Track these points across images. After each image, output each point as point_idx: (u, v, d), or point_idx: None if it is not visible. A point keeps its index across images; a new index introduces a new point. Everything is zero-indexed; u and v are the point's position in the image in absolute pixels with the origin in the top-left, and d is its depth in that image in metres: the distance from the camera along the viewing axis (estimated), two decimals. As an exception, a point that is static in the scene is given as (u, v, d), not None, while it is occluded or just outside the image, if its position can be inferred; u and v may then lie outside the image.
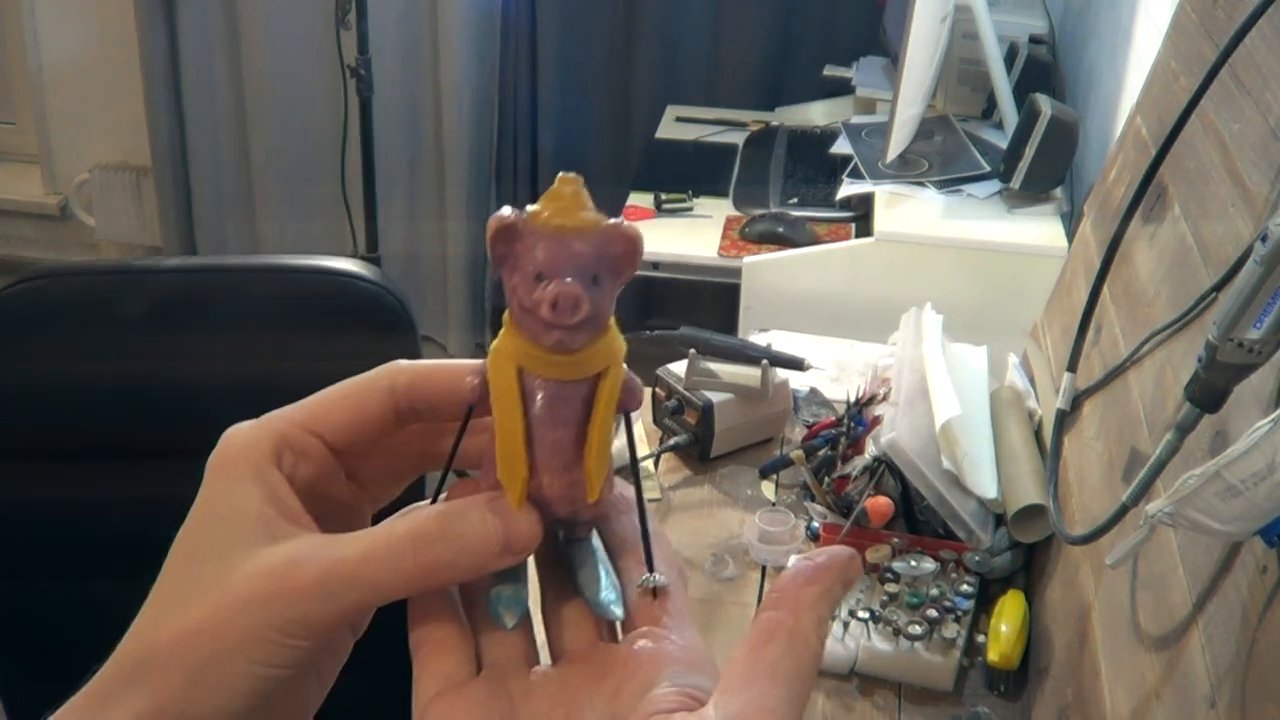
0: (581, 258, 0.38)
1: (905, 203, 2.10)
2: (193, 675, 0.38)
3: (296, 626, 0.38)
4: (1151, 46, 1.41)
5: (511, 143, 3.15)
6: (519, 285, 0.38)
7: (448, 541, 0.39)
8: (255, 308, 1.18)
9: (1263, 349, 0.73)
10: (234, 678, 0.38)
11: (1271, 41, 0.98)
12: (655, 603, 0.41)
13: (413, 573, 0.39)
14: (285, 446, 0.42)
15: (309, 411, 0.43)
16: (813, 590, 0.40)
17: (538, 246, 0.38)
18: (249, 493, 0.41)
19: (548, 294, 0.37)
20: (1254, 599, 0.73)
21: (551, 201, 0.38)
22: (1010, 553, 1.18)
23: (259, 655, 0.38)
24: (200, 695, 0.38)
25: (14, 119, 3.57)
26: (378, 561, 0.39)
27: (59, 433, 1.17)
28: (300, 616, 0.39)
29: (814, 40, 2.95)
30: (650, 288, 3.08)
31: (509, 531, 0.40)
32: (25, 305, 1.14)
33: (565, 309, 0.37)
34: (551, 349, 0.38)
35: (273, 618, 0.38)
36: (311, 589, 0.39)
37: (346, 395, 0.44)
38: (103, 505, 1.12)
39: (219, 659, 0.38)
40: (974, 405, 1.29)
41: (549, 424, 0.39)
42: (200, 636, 0.39)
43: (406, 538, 0.39)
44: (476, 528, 0.40)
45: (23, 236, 3.58)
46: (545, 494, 0.40)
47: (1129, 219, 1.16)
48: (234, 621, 0.39)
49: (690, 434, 1.37)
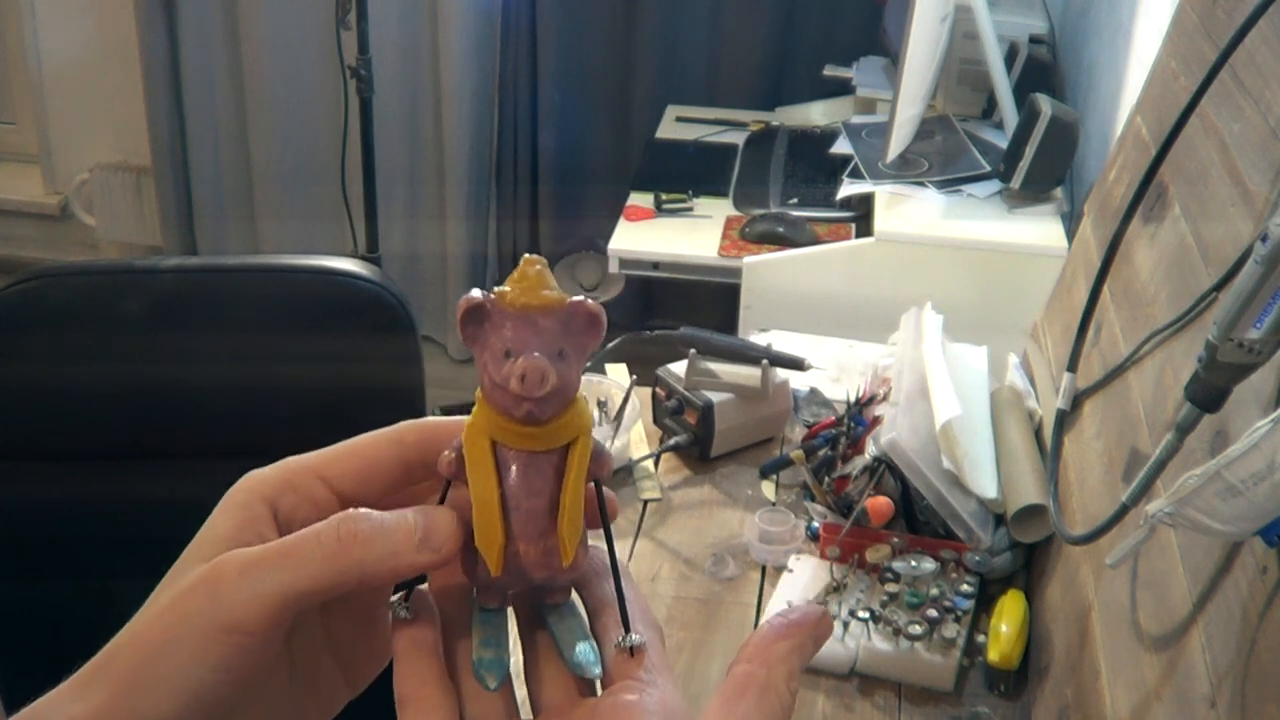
0: (547, 334, 0.40)
1: (905, 203, 2.10)
2: (135, 672, 0.40)
3: (225, 618, 0.40)
4: (1151, 46, 1.41)
5: (511, 143, 3.15)
6: (489, 362, 0.40)
7: (370, 520, 0.41)
8: (255, 308, 1.18)
9: (1263, 349, 0.73)
10: (169, 676, 0.40)
11: (1271, 41, 0.98)
12: (633, 660, 0.42)
13: (333, 552, 0.40)
14: (289, 487, 0.44)
15: (321, 458, 0.45)
16: (784, 645, 0.42)
17: (505, 325, 0.40)
18: (226, 519, 0.43)
19: (516, 368, 0.39)
20: (1254, 599, 0.73)
21: (517, 282, 0.41)
22: (1010, 553, 1.18)
23: (193, 652, 0.40)
24: (140, 694, 0.40)
25: (14, 119, 3.57)
26: (300, 543, 0.40)
27: (59, 433, 1.17)
28: (227, 606, 0.40)
29: (814, 40, 2.95)
30: (650, 288, 3.09)
31: (428, 526, 0.41)
32: (25, 305, 1.14)
33: (533, 382, 0.39)
34: (522, 421, 0.40)
35: (204, 611, 0.40)
36: (235, 578, 0.40)
37: (358, 445, 0.46)
38: (102, 505, 1.12)
39: (156, 657, 0.40)
40: (974, 405, 1.29)
41: (523, 494, 0.41)
42: (144, 635, 0.41)
43: (330, 521, 0.41)
44: (398, 518, 0.41)
45: (23, 236, 3.58)
46: (522, 561, 0.42)
47: (1129, 219, 1.16)
48: (172, 619, 0.40)
49: (690, 434, 1.37)
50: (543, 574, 0.42)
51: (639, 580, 1.22)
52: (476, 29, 3.02)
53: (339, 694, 0.47)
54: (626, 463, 1.37)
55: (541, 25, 3.03)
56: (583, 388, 0.43)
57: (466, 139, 3.11)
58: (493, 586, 0.43)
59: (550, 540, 0.42)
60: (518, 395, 0.40)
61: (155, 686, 0.40)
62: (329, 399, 1.08)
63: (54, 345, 1.16)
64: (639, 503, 1.33)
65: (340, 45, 2.73)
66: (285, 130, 3.20)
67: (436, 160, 3.17)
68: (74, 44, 3.35)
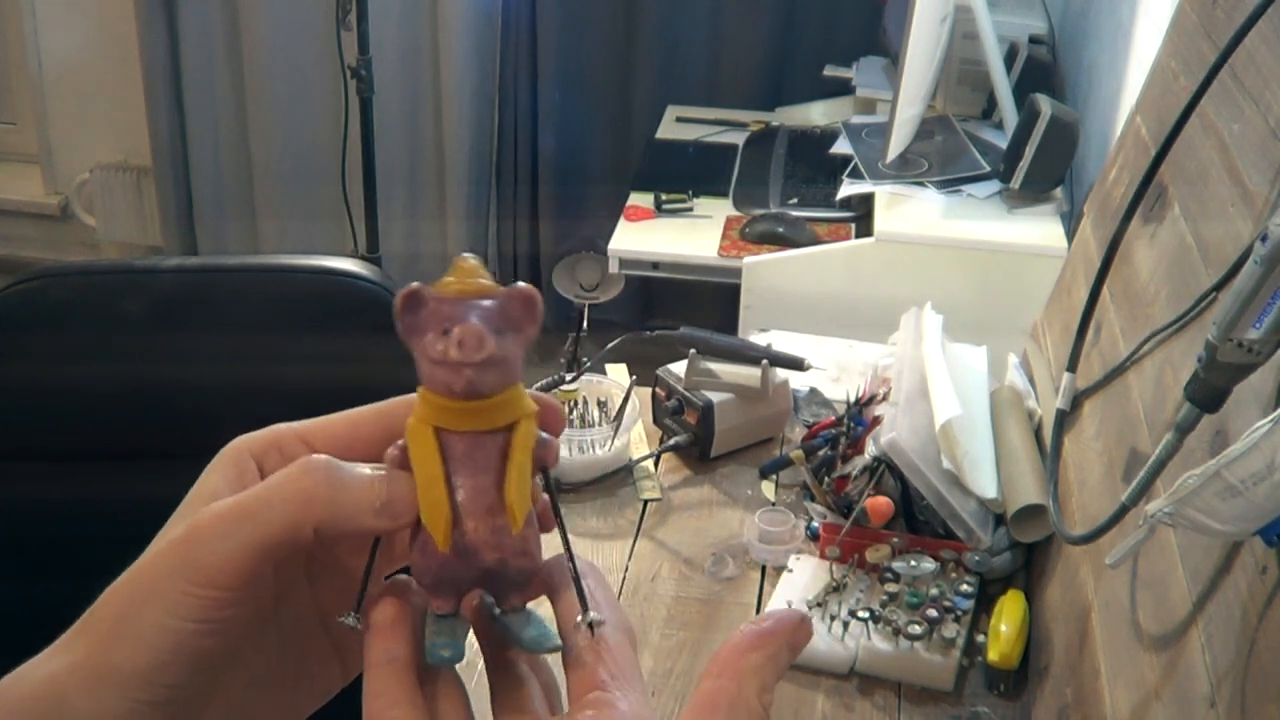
0: (484, 311, 0.41)
1: (905, 203, 2.10)
2: (113, 627, 0.41)
3: (198, 572, 0.40)
4: (1151, 46, 1.41)
5: (512, 143, 3.15)
6: (428, 345, 0.40)
7: (333, 480, 0.41)
8: (255, 308, 1.18)
9: (1262, 349, 0.73)
10: (146, 628, 0.40)
11: (1271, 41, 0.98)
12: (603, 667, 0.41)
13: (295, 511, 0.40)
14: (275, 448, 0.45)
15: (309, 424, 0.46)
16: (757, 657, 0.41)
17: (443, 307, 0.41)
18: (215, 476, 0.43)
19: (454, 336, 0.40)
20: (1254, 599, 0.73)
21: (453, 273, 0.41)
22: (1010, 552, 1.18)
23: (168, 604, 0.40)
24: (117, 646, 0.40)
25: (14, 119, 3.57)
26: (263, 499, 0.41)
27: (59, 433, 1.17)
28: (201, 560, 0.40)
29: (814, 40, 2.95)
30: (650, 288, 3.09)
31: (391, 494, 0.41)
32: (25, 305, 1.14)
33: (471, 346, 0.40)
34: (463, 395, 0.40)
35: (179, 565, 0.40)
36: (209, 530, 0.40)
37: (347, 416, 0.46)
38: (103, 505, 1.12)
39: (133, 610, 0.40)
40: (974, 405, 1.29)
41: (468, 472, 0.41)
42: (122, 590, 0.41)
43: (298, 469, 0.41)
44: (365, 479, 0.42)
45: (23, 236, 3.58)
46: (471, 540, 0.41)
47: (1129, 219, 1.16)
48: (149, 573, 0.41)
49: (690, 434, 1.37)
50: (493, 555, 0.41)
51: (639, 580, 1.22)
52: (476, 29, 3.02)
53: (333, 676, 0.47)
54: (626, 463, 1.37)
55: (541, 25, 3.03)
56: (583, 387, 0.43)
57: (466, 139, 3.11)
58: (444, 583, 0.42)
59: (499, 519, 0.41)
60: (457, 363, 0.40)
61: (133, 638, 0.40)
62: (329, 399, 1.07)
63: (54, 345, 1.16)
64: (639, 503, 1.33)
65: (340, 45, 2.74)
66: (285, 130, 3.20)
67: (436, 160, 3.17)
68: (74, 44, 3.35)
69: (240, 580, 0.40)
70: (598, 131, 3.14)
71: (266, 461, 0.44)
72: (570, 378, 1.42)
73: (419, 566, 0.42)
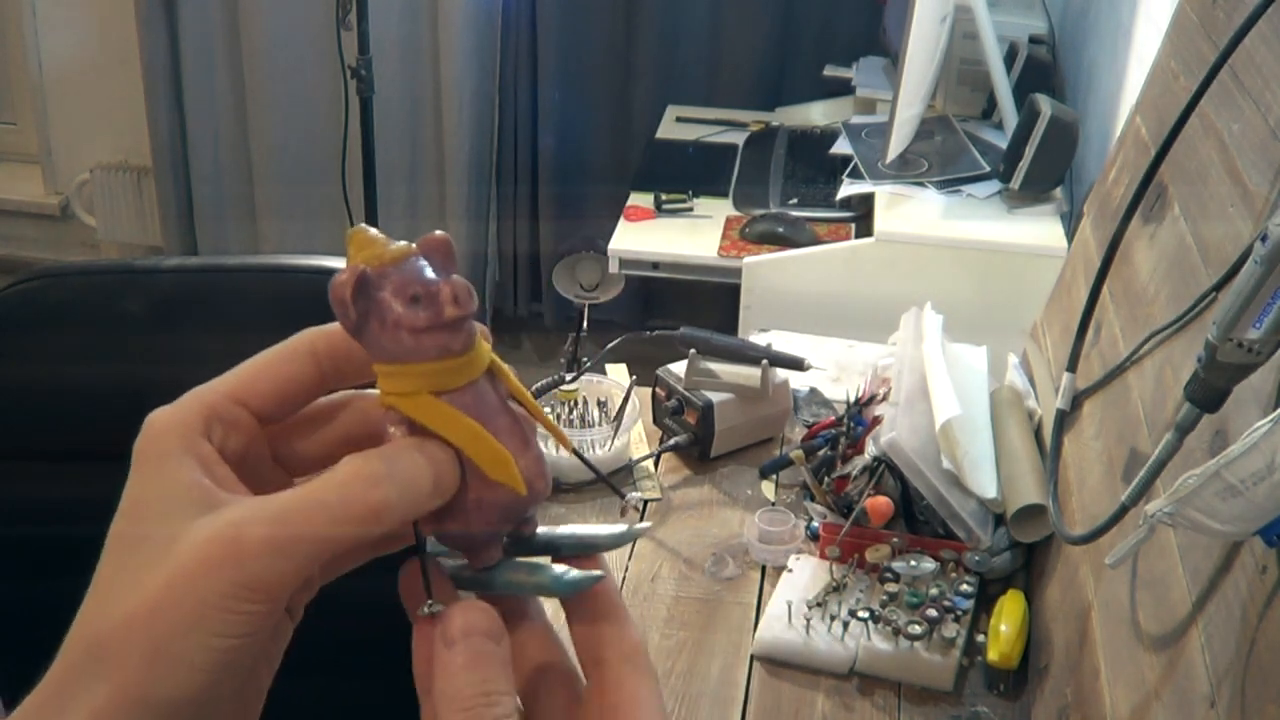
0: (434, 265, 0.40)
1: (905, 203, 2.10)
2: (150, 656, 0.37)
3: (248, 590, 0.37)
4: (1151, 46, 1.41)
5: (512, 143, 3.15)
6: (401, 317, 0.39)
7: (394, 480, 0.39)
8: (255, 308, 1.18)
9: (1262, 349, 0.73)
10: (192, 652, 0.37)
11: (1271, 41, 0.98)
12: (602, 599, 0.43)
13: (362, 514, 0.38)
14: (214, 418, 0.42)
15: (234, 382, 0.43)
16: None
17: (396, 278, 0.40)
18: (182, 467, 0.40)
19: (445, 294, 0.39)
20: (1254, 599, 0.73)
21: (365, 248, 0.40)
22: (1010, 552, 1.18)
23: (215, 625, 0.37)
24: (160, 675, 0.37)
25: (15, 119, 3.57)
26: (327, 508, 0.38)
27: (59, 433, 1.17)
28: (252, 578, 0.37)
29: (814, 40, 2.95)
30: (650, 288, 3.09)
31: (437, 470, 0.40)
32: (25, 305, 1.14)
33: (465, 298, 0.39)
34: (462, 348, 0.40)
35: (224, 584, 0.37)
36: (260, 547, 0.38)
37: (270, 362, 0.43)
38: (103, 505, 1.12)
39: (175, 634, 0.37)
40: (974, 405, 1.29)
41: (488, 419, 0.41)
42: (154, 614, 0.37)
43: (355, 478, 0.39)
44: (416, 466, 0.40)
45: (23, 236, 3.58)
46: (527, 477, 0.41)
47: (1129, 219, 1.16)
48: (187, 594, 0.37)
49: (690, 434, 1.37)
50: (542, 482, 0.42)
51: (639, 580, 1.22)
52: (476, 29, 3.02)
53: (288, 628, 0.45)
54: (626, 463, 1.37)
55: (541, 25, 3.03)
56: (583, 387, 0.43)
57: (466, 139, 3.11)
58: (495, 533, 0.42)
59: (535, 448, 0.42)
60: (454, 319, 0.39)
61: (179, 666, 0.37)
62: (329, 399, 1.07)
63: (54, 345, 1.16)
64: (639, 502, 1.33)
65: (340, 45, 2.73)
66: (285, 130, 3.20)
67: (436, 160, 3.17)
68: (75, 44, 3.35)
69: (291, 590, 0.38)
70: (598, 131, 3.14)
71: (213, 435, 0.41)
72: (570, 378, 1.42)
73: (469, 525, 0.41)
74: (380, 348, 0.40)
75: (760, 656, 1.12)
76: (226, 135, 3.26)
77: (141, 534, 0.39)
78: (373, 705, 1.24)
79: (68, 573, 0.41)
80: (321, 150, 3.10)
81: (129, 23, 3.15)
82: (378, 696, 1.24)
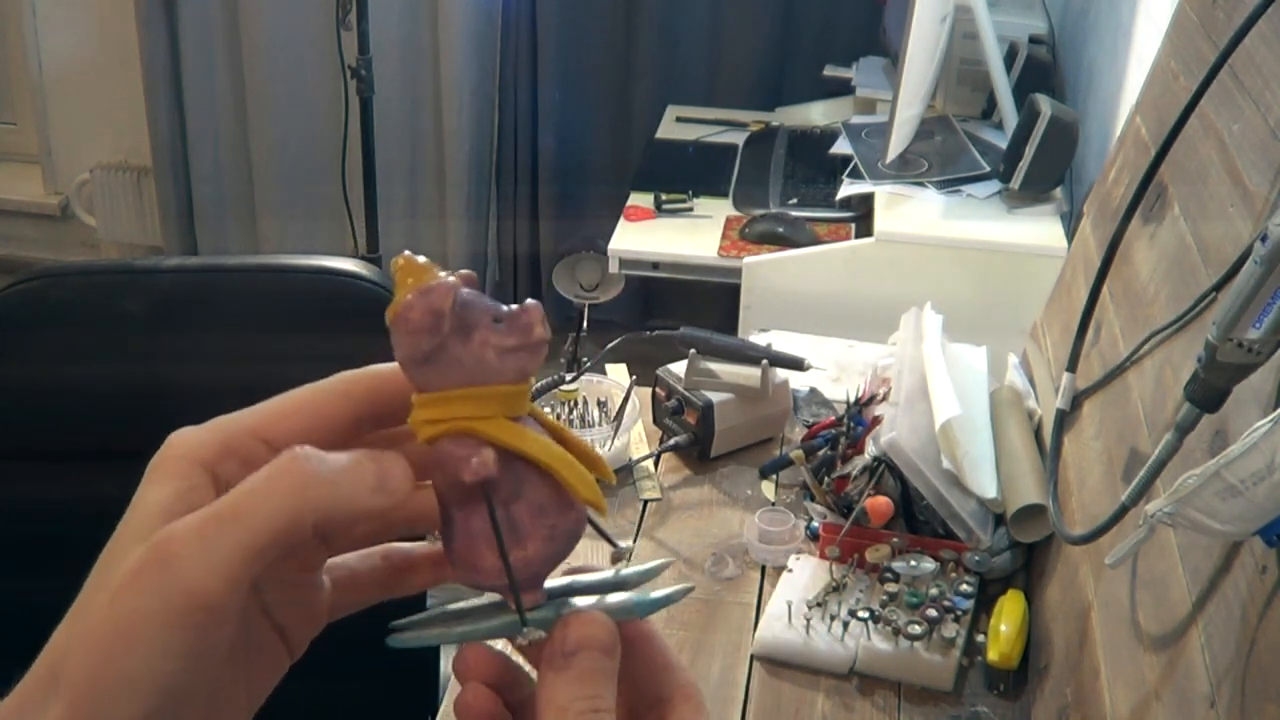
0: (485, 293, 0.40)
1: (905, 203, 2.10)
2: (96, 676, 0.36)
3: (183, 596, 0.35)
4: (1151, 46, 1.41)
5: (512, 143, 3.15)
6: (489, 336, 0.38)
7: (323, 461, 0.37)
8: (255, 308, 1.18)
9: (1262, 349, 0.73)
10: (135, 674, 0.36)
11: (1271, 41, 0.98)
12: None
13: (290, 501, 0.36)
14: (231, 454, 0.40)
15: (263, 417, 0.41)
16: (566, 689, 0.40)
17: (472, 302, 0.39)
18: (161, 489, 0.39)
19: (534, 314, 0.39)
20: (1254, 599, 0.73)
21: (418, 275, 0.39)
22: (1010, 552, 1.18)
23: (155, 643, 0.36)
24: (106, 697, 0.36)
25: (15, 119, 3.57)
26: (251, 496, 0.37)
27: (58, 432, 1.17)
28: (184, 580, 0.35)
29: (814, 40, 2.96)
30: (650, 288, 3.09)
31: (382, 468, 0.38)
32: (25, 305, 1.14)
33: (544, 322, 0.39)
34: (533, 371, 0.40)
35: (158, 592, 0.35)
36: (188, 545, 0.36)
37: (303, 401, 0.42)
38: (102, 505, 1.12)
39: (116, 654, 0.36)
40: (974, 405, 1.29)
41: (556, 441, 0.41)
42: (98, 634, 0.36)
43: (278, 464, 0.37)
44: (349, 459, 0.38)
45: (23, 236, 3.58)
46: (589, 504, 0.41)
47: (1129, 219, 1.16)
48: (124, 609, 0.36)
49: (690, 434, 1.37)
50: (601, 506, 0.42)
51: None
52: (476, 29, 3.03)
53: (280, 661, 0.43)
54: (626, 463, 1.37)
55: (541, 25, 3.03)
56: (583, 387, 0.43)
57: (466, 139, 3.11)
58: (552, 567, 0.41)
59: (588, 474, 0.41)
60: (541, 341, 0.39)
61: (119, 689, 0.36)
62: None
63: (54, 345, 1.16)
64: (639, 503, 1.33)
65: (340, 45, 2.74)
66: (285, 130, 3.20)
67: (436, 160, 3.18)
68: (75, 44, 3.35)
69: (229, 595, 0.36)
70: (598, 131, 3.15)
71: (222, 470, 0.39)
72: (570, 378, 1.42)
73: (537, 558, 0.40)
74: (460, 369, 0.39)
75: (760, 656, 1.12)
76: (226, 135, 3.26)
77: (114, 555, 0.38)
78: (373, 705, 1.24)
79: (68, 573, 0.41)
80: (321, 150, 3.10)
81: (129, 23, 3.15)
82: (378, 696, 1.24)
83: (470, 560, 0.40)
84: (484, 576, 0.40)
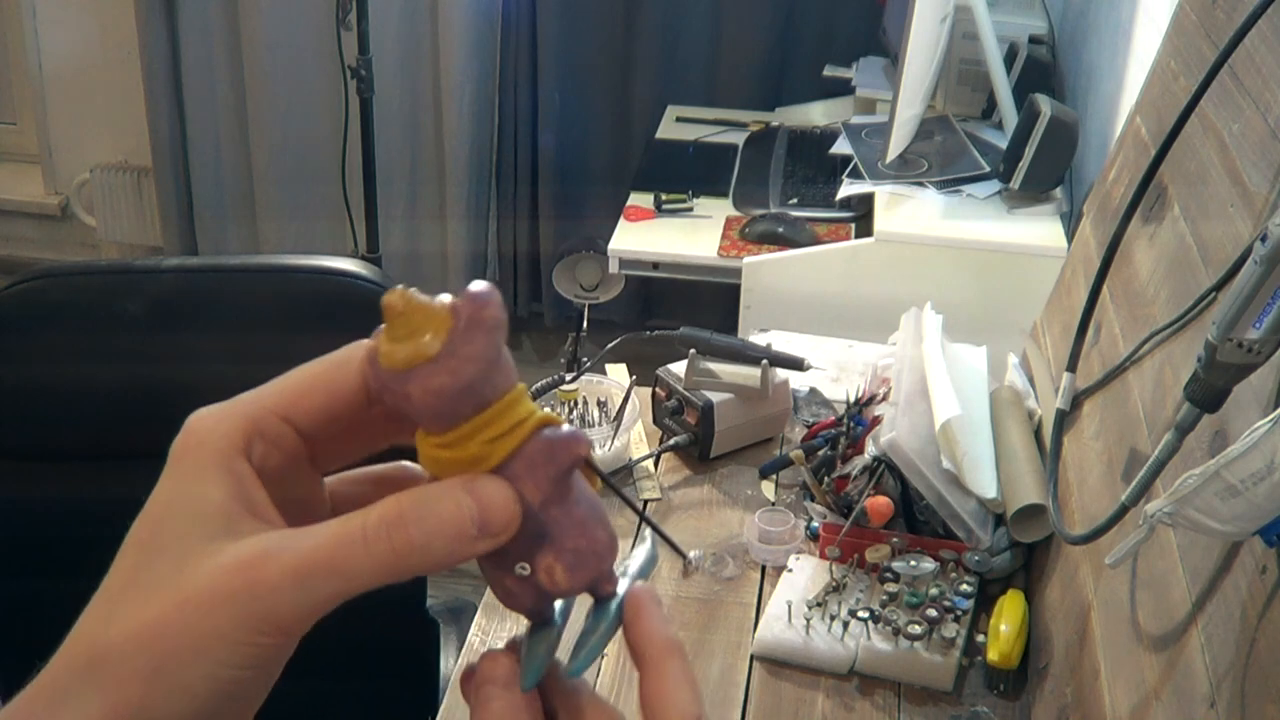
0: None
1: (905, 203, 2.10)
2: (150, 676, 0.36)
3: (266, 624, 0.37)
4: (1151, 46, 1.41)
5: (511, 143, 3.15)
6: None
7: (421, 523, 0.37)
8: (255, 308, 1.18)
9: (1262, 349, 0.73)
10: (195, 679, 0.36)
11: (1271, 41, 0.98)
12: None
13: (386, 558, 0.37)
14: (257, 435, 0.40)
15: (283, 396, 0.41)
16: None
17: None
18: (213, 485, 0.38)
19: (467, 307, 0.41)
20: (1254, 599, 0.73)
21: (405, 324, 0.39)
22: (1010, 552, 1.18)
23: (224, 656, 0.36)
24: (158, 697, 0.36)
25: (15, 119, 3.57)
26: (351, 548, 0.37)
27: (59, 432, 1.17)
28: (271, 612, 0.37)
29: (814, 40, 2.95)
30: (650, 288, 3.09)
31: (484, 508, 0.38)
32: (25, 305, 1.14)
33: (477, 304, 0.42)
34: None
35: (241, 616, 0.36)
36: (283, 582, 0.37)
37: (320, 378, 0.42)
38: (103, 505, 1.12)
39: (180, 660, 0.36)
40: (974, 405, 1.29)
41: None
42: (160, 636, 0.36)
43: (380, 522, 0.37)
44: (450, 508, 0.38)
45: (23, 236, 3.58)
46: None
47: (1129, 219, 1.16)
48: (198, 620, 0.36)
49: (690, 434, 1.37)
50: None
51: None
52: (476, 29, 3.02)
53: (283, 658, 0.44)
54: (626, 463, 1.37)
55: (541, 25, 3.03)
56: (583, 387, 0.44)
57: (466, 139, 3.11)
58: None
59: None
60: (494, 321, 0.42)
61: (178, 690, 0.36)
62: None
63: (54, 345, 1.16)
64: (639, 503, 1.33)
65: (340, 45, 2.74)
66: (285, 130, 3.19)
67: (436, 160, 3.17)
68: (75, 44, 3.35)
69: (308, 628, 0.37)
70: (598, 131, 3.14)
71: (253, 454, 0.40)
72: (570, 378, 1.42)
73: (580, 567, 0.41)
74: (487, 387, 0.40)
75: (760, 656, 1.12)
76: (226, 135, 3.26)
77: (159, 546, 0.38)
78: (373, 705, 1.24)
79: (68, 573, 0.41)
80: (321, 150, 3.10)
81: (129, 23, 3.15)
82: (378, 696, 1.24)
83: (588, 546, 0.40)
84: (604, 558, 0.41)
